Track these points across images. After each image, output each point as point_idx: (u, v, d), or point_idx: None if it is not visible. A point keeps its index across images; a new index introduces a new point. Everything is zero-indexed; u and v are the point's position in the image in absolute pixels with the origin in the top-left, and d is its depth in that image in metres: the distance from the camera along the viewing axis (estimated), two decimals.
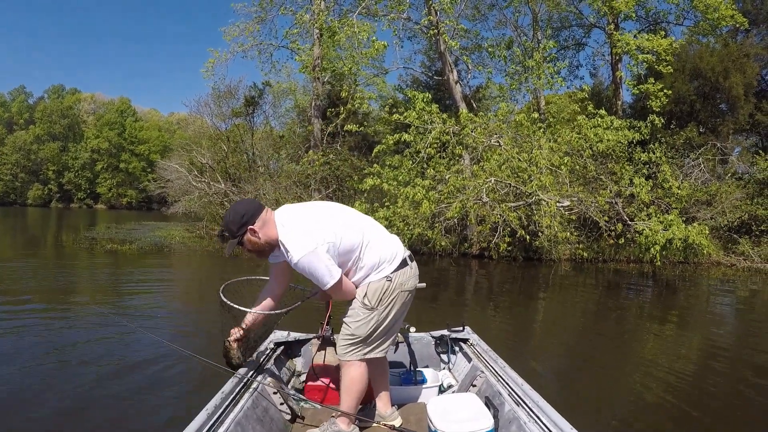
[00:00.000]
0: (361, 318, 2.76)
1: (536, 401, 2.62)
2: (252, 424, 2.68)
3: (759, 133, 24.56)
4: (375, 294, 2.74)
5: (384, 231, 2.92)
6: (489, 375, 3.21)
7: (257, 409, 2.82)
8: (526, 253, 17.62)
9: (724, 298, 12.84)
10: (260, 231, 2.63)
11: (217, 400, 2.64)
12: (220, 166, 23.83)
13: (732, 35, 23.82)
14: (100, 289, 10.93)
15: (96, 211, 72.96)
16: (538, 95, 21.78)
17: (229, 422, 2.51)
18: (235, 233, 2.64)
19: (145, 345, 6.26)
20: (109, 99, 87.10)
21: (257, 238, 2.65)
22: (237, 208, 2.71)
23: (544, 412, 2.50)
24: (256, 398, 2.89)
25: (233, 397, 2.75)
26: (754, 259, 19.03)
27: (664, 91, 18.12)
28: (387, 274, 2.76)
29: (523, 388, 2.81)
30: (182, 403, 4.49)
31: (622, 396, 5.15)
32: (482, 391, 3.14)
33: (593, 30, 25.16)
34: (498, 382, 3.04)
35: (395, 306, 2.79)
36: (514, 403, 2.72)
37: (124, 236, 22.88)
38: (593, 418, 4.48)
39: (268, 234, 2.65)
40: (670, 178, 16.52)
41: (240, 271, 14.37)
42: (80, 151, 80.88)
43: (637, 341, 7.77)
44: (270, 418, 2.88)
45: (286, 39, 22.03)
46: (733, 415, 4.71)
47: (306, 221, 2.65)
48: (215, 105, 24.60)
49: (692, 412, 4.76)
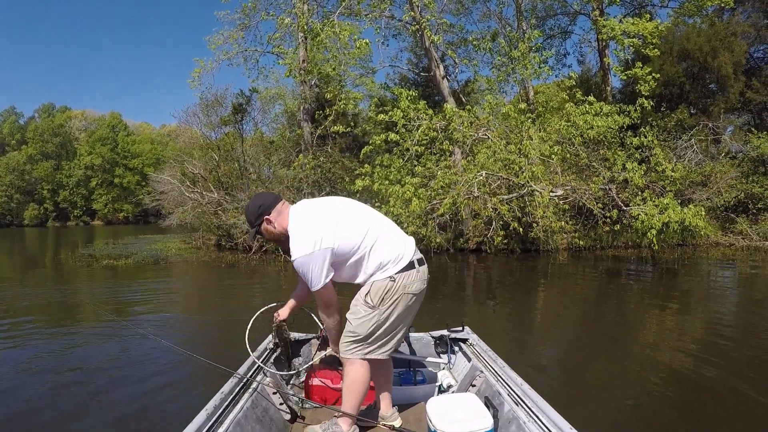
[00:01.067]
0: (362, 315, 2.79)
1: (535, 401, 2.62)
2: (251, 425, 2.71)
3: (750, 110, 24.51)
4: (377, 293, 2.77)
5: (396, 231, 2.96)
6: (488, 375, 3.21)
7: (257, 410, 2.85)
8: (524, 245, 17.52)
9: (725, 279, 12.77)
10: (275, 221, 2.81)
11: (216, 400, 2.66)
12: (212, 175, 23.66)
13: (718, 14, 23.74)
14: (99, 301, 10.83)
15: (93, 227, 72.67)
16: (527, 86, 21.67)
17: (229, 422, 2.54)
18: (253, 223, 2.86)
19: (146, 349, 6.40)
20: (100, 114, 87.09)
21: (273, 228, 2.83)
22: (255, 200, 2.90)
23: (543, 411, 2.51)
24: (256, 398, 2.92)
25: (233, 397, 2.79)
26: (753, 237, 18.98)
27: (652, 75, 18.02)
28: (391, 274, 2.79)
29: (523, 387, 2.81)
30: (181, 402, 4.59)
31: (625, 386, 5.08)
32: (482, 391, 3.14)
33: (578, 17, 25.15)
34: (497, 382, 3.05)
35: (397, 307, 2.80)
36: (513, 403, 2.73)
37: (121, 251, 22.69)
38: (597, 408, 4.46)
39: (282, 225, 2.82)
40: (663, 161, 16.40)
41: (237, 279, 14.36)
42: (74, 168, 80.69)
43: (639, 329, 7.68)
44: (270, 419, 2.91)
45: (270, 44, 21.96)
46: (737, 402, 4.63)
47: (312, 221, 2.74)
48: (204, 114, 24.46)
49: (696, 397, 4.71)
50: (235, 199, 21.39)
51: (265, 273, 15.21)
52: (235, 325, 7.47)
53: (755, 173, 21.04)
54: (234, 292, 11.98)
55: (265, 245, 19.32)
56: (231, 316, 8.54)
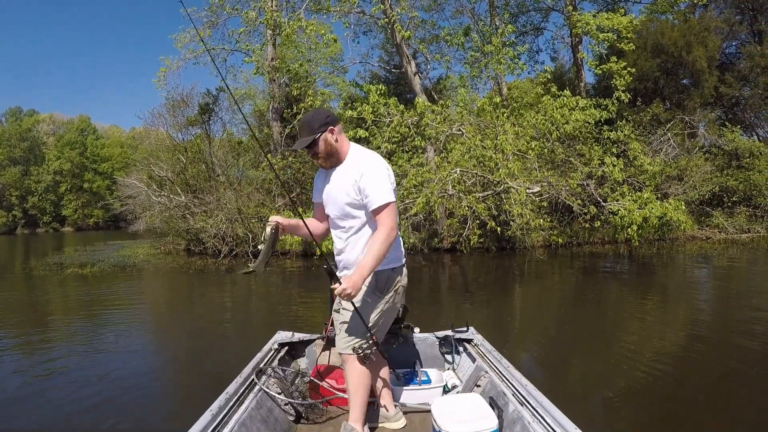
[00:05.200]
0: (370, 303, 2.77)
1: (540, 401, 2.61)
2: (256, 425, 2.74)
3: (723, 105, 24.57)
4: (386, 282, 2.81)
5: None
6: (493, 375, 3.22)
7: (261, 410, 2.88)
8: (499, 243, 17.21)
9: (704, 272, 12.86)
10: (338, 135, 2.75)
11: (221, 400, 2.68)
12: (180, 178, 22.87)
13: (690, 11, 23.77)
14: (65, 310, 10.80)
15: (63, 234, 70.91)
16: (500, 82, 21.38)
17: (234, 423, 2.57)
18: (315, 129, 2.70)
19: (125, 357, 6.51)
20: (68, 118, 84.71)
21: (333, 141, 2.74)
22: (320, 111, 2.85)
23: (548, 412, 2.49)
24: (261, 399, 2.95)
25: (237, 397, 2.82)
26: (729, 230, 18.93)
27: (627, 69, 17.77)
28: (397, 265, 2.85)
29: (527, 388, 2.80)
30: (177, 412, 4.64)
31: (608, 384, 5.08)
32: (486, 391, 3.16)
33: (551, 14, 24.97)
34: (502, 383, 3.05)
35: (397, 298, 2.89)
36: (518, 403, 2.73)
37: (87, 258, 21.85)
38: (580, 407, 4.44)
39: (342, 142, 2.78)
40: (640, 155, 16.15)
41: (207, 285, 13.80)
42: (42, 173, 78.51)
43: (620, 326, 7.64)
44: (274, 419, 2.94)
45: (233, 38, 21.24)
46: (720, 393, 4.75)
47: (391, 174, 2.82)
48: (170, 115, 23.67)
49: (678, 393, 4.75)
50: (203, 202, 20.66)
51: (236, 277, 14.69)
52: (206, 332, 7.96)
53: (729, 167, 21.05)
54: (202, 299, 11.73)
55: (235, 250, 18.68)
56: (202, 324, 8.47)
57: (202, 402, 2.72)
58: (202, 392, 4.16)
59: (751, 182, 20.01)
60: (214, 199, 19.99)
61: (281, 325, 4.13)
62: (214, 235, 19.02)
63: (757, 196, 20.01)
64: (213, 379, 4.58)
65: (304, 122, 2.76)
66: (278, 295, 12.10)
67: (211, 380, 4.74)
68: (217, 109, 23.85)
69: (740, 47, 26.01)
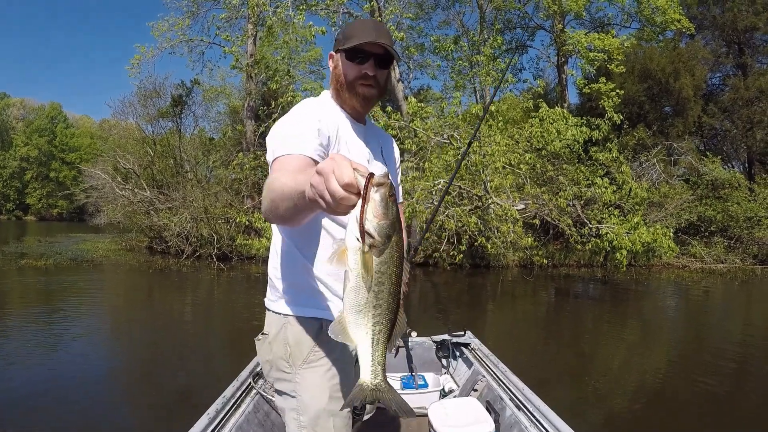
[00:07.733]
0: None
1: (537, 406, 2.60)
2: (253, 429, 2.74)
3: (703, 135, 24.60)
4: None
5: None
6: (490, 379, 3.22)
7: (258, 414, 2.86)
8: (473, 260, 16.62)
9: (680, 299, 13.01)
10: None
11: (218, 404, 2.65)
12: (146, 172, 21.84)
13: (677, 40, 23.75)
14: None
15: (26, 222, 69.02)
16: (485, 96, 20.98)
17: (231, 426, 2.56)
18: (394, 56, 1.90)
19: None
20: (39, 104, 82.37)
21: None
22: None
23: (545, 416, 2.48)
24: (258, 402, 2.92)
25: (234, 401, 2.78)
26: (706, 260, 18.71)
27: (616, 91, 17.42)
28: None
29: (524, 392, 2.79)
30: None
31: (589, 405, 5.19)
32: (483, 395, 3.16)
33: (537, 32, 24.69)
34: (499, 387, 3.06)
35: None
36: (515, 408, 2.73)
37: (44, 250, 20.72)
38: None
39: None
40: (629, 179, 15.76)
41: (166, 287, 12.96)
42: (8, 159, 76.05)
43: (601, 352, 7.58)
44: (271, 423, 2.92)
45: (213, 26, 20.37)
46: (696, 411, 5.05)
47: None
48: (141, 105, 22.66)
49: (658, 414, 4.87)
50: (169, 199, 19.67)
51: (198, 280, 13.91)
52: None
53: (708, 197, 20.93)
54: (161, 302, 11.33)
55: (198, 251, 17.75)
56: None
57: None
58: (150, 400, 4.31)
59: (729, 213, 19.89)
60: (180, 196, 19.04)
61: (247, 334, 3.80)
62: (178, 233, 18.08)
63: (734, 227, 19.88)
64: (158, 387, 4.70)
65: (382, 26, 1.97)
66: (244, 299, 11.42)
67: (155, 388, 4.78)
68: (191, 102, 22.90)
69: (724, 79, 26.15)
